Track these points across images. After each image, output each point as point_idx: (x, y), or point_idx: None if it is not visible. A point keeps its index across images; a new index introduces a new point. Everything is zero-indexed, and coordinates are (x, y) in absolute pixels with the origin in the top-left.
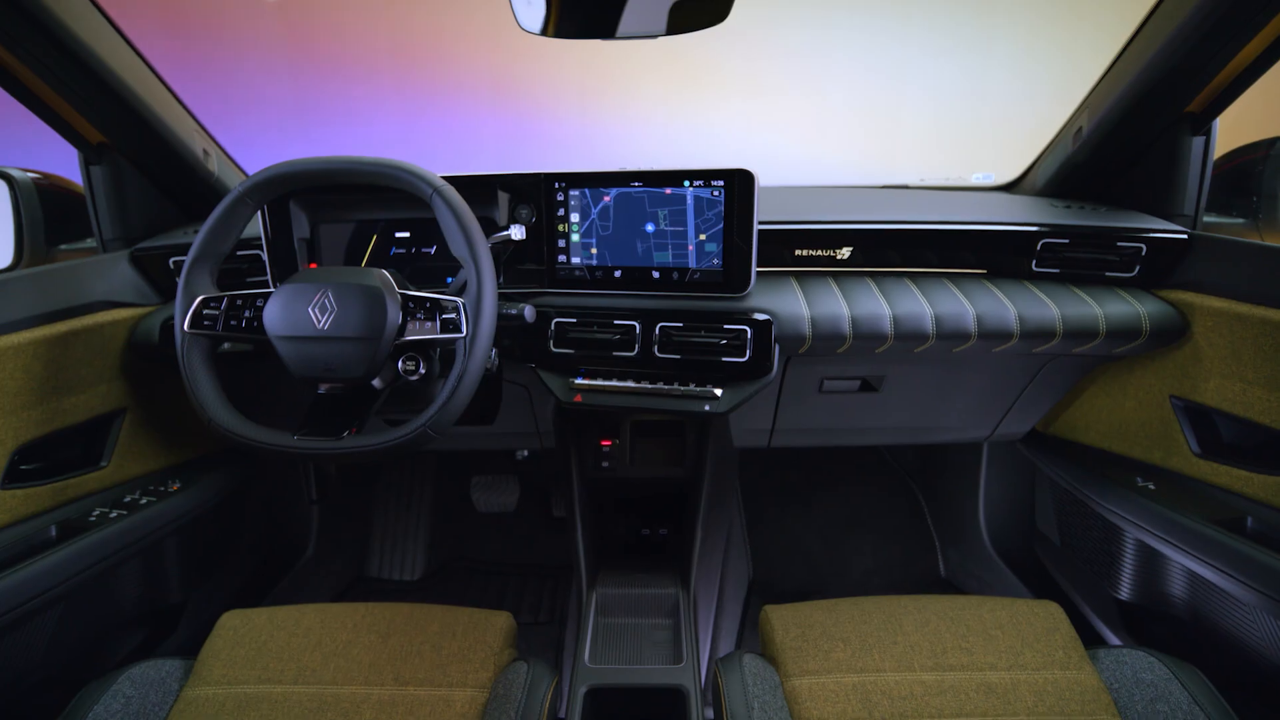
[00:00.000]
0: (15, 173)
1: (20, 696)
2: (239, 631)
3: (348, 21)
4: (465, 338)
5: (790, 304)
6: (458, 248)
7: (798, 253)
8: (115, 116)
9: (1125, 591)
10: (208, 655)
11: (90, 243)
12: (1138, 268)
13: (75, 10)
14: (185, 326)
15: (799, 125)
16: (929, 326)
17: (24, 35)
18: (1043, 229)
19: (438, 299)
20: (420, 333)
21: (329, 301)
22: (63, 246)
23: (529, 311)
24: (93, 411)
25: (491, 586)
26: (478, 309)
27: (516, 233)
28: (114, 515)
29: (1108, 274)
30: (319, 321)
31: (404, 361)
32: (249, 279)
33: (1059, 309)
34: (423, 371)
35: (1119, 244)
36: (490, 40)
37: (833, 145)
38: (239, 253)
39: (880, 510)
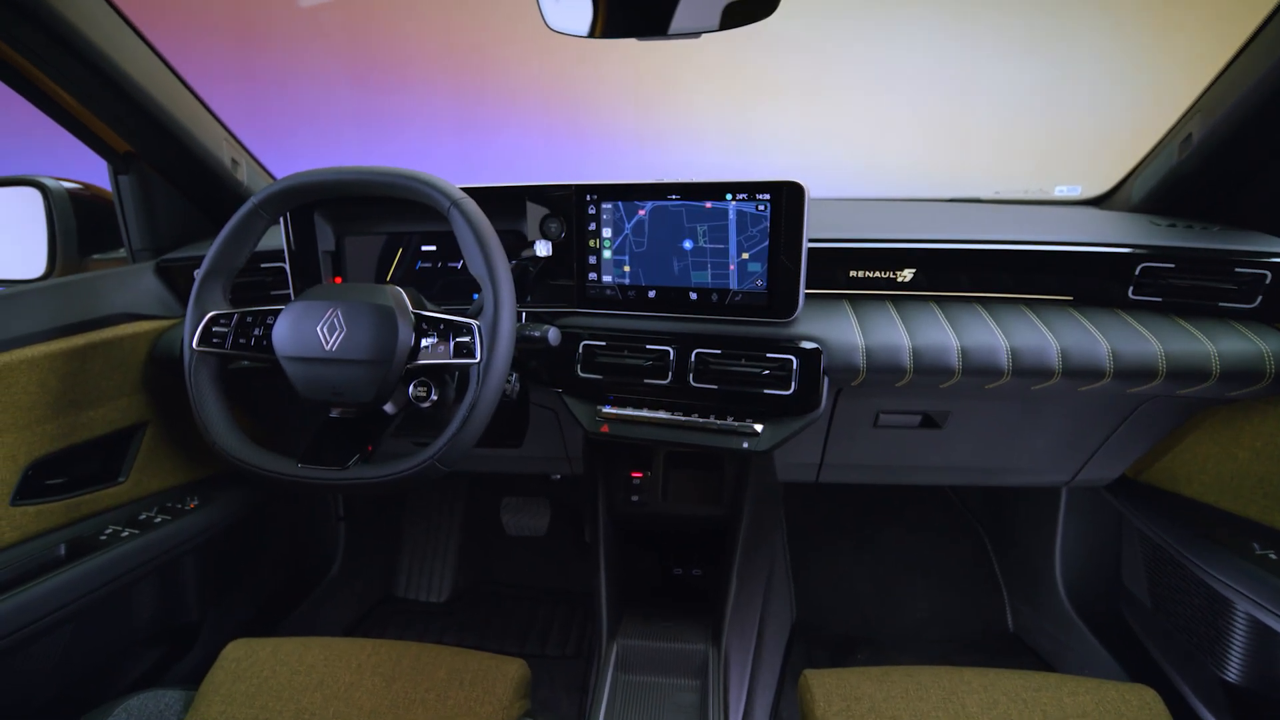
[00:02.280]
0: (49, 182)
1: (27, 718)
2: (242, 664)
3: (403, 35)
4: (479, 364)
5: (843, 331)
6: (475, 265)
7: (852, 274)
8: (139, 126)
9: (1235, 674)
10: (208, 689)
11: (124, 253)
12: (1259, 298)
13: (95, 20)
14: (194, 344)
15: (859, 134)
16: (1004, 361)
17: (43, 47)
18: (1142, 250)
19: (452, 320)
20: (433, 356)
21: (338, 321)
22: (95, 256)
23: (553, 334)
24: (112, 425)
25: (519, 613)
26: (494, 332)
27: (542, 249)
28: (125, 534)
29: (1221, 304)
30: (327, 342)
31: (415, 387)
32: (273, 292)
33: (1161, 344)
34: (434, 398)
35: (1238, 270)
36: (544, 51)
37: (895, 154)
38: (263, 265)
39: (941, 553)
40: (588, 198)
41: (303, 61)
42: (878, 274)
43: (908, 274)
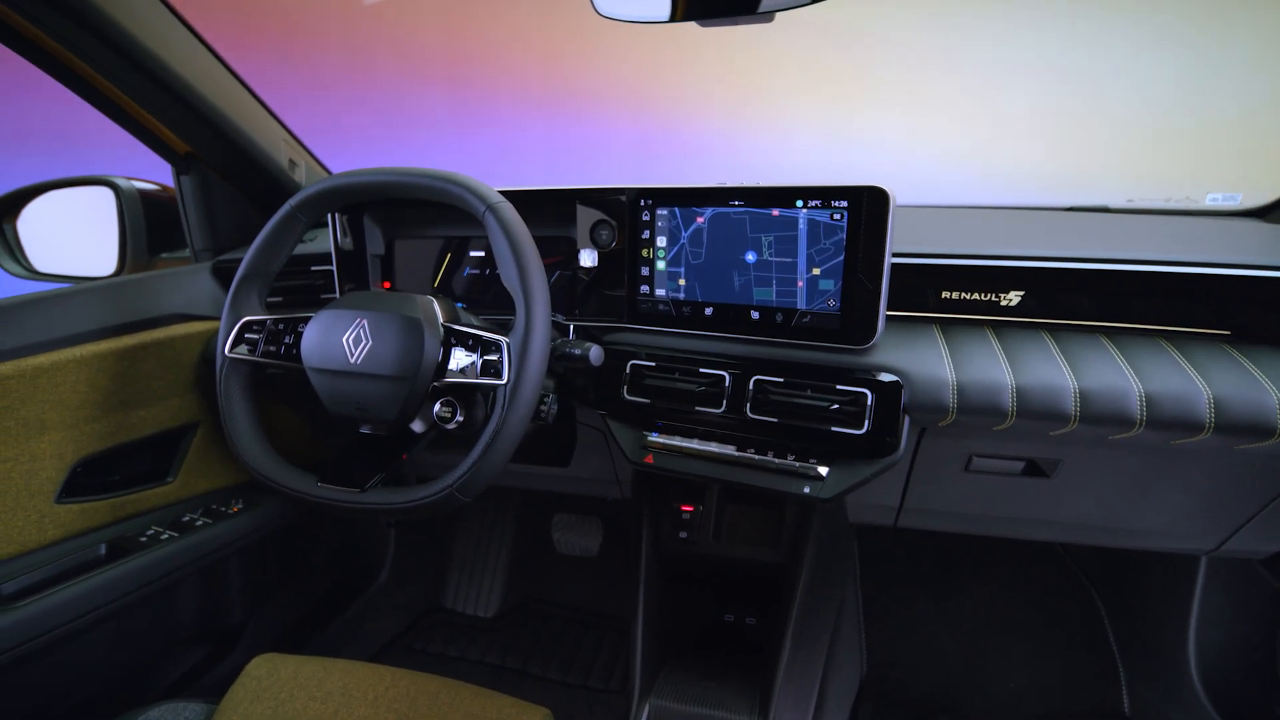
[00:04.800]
0: (121, 181)
1: (61, 717)
2: (263, 682)
3: (497, 35)
4: (506, 385)
5: (929, 363)
6: (508, 276)
7: (945, 295)
8: (195, 128)
9: None
10: (227, 705)
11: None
12: None
13: (148, 23)
14: (226, 350)
15: (969, 134)
16: (1135, 409)
17: (97, 51)
18: None
19: (481, 336)
20: (460, 374)
21: (364, 332)
22: (164, 255)
23: (595, 353)
24: (162, 425)
25: (566, 636)
26: (524, 352)
27: (587, 258)
28: (165, 536)
29: None
30: (352, 354)
31: (440, 406)
32: (323, 295)
33: None
34: (460, 419)
35: None
36: (635, 51)
37: (1007, 154)
38: (313, 268)
39: (1043, 614)
40: (642, 203)
41: (381, 60)
42: (976, 296)
43: (1014, 297)
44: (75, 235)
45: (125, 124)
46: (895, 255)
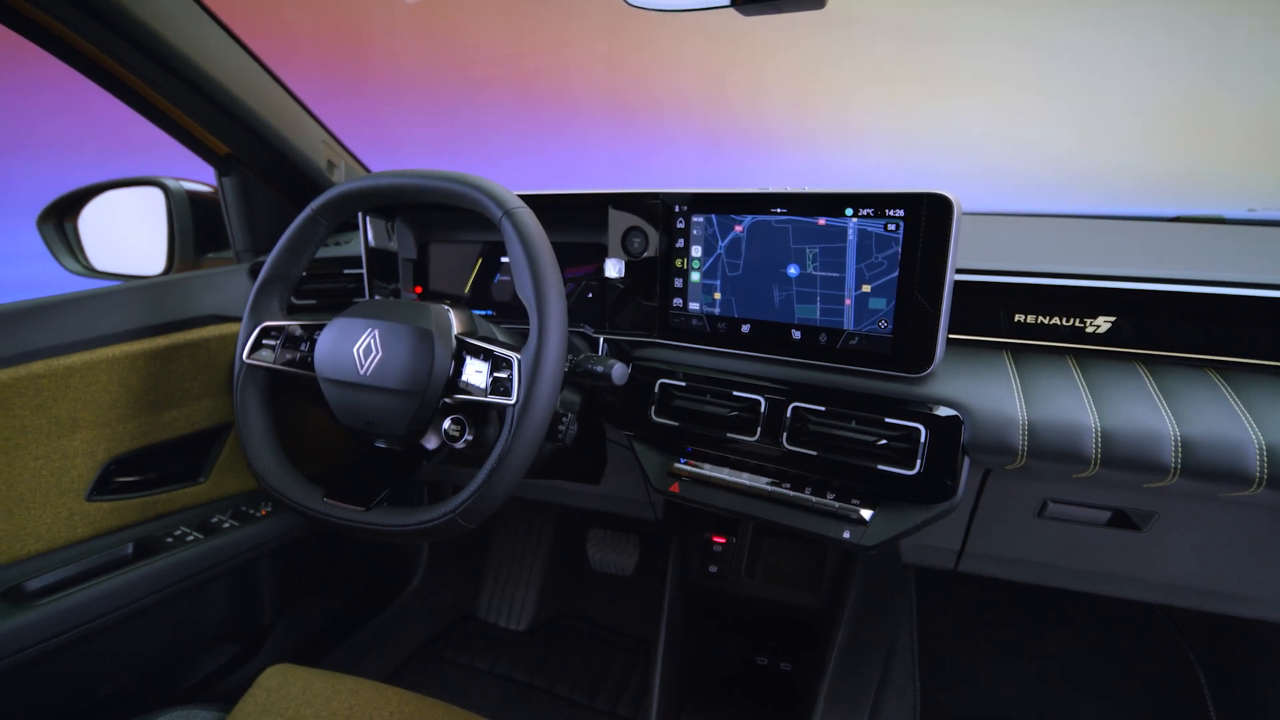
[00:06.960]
0: (170, 182)
1: (78, 714)
2: (273, 695)
3: (568, 52)
4: (515, 405)
5: (996, 397)
6: (522, 286)
7: (1019, 319)
8: (233, 129)
9: None
10: (236, 717)
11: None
12: None
13: (182, 26)
14: (244, 356)
15: (1053, 127)
16: (1252, 464)
17: (130, 55)
18: None
19: (493, 350)
20: (469, 390)
21: (375, 342)
22: (210, 255)
23: (619, 371)
24: (194, 426)
25: (595, 658)
26: (535, 370)
27: (612, 269)
28: (191, 538)
29: None
30: (361, 365)
31: (449, 424)
32: (354, 299)
33: None
34: (469, 438)
35: None
36: (702, 58)
37: (1101, 152)
38: (345, 271)
39: (1128, 677)
40: (677, 208)
41: (437, 66)
42: (1057, 321)
43: (1103, 323)
44: (130, 234)
45: (166, 126)
46: (960, 271)
